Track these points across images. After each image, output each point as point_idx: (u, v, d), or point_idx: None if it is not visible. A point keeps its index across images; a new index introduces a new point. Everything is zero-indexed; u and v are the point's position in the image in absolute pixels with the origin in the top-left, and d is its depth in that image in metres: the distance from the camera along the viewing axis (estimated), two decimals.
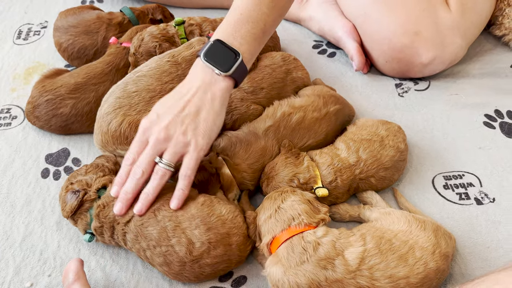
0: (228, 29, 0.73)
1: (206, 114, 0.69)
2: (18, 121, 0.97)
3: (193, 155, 0.68)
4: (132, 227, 0.68)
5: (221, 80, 0.70)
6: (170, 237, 0.66)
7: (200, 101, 0.69)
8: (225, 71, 0.70)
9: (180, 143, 0.68)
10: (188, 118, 0.68)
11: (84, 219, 0.72)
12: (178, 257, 0.66)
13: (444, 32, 0.97)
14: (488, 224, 0.77)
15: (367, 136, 0.80)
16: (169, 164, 0.68)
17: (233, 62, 0.70)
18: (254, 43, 0.74)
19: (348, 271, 0.59)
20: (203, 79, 0.70)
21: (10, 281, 0.72)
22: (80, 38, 1.00)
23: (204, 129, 0.69)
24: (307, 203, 0.67)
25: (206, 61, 0.70)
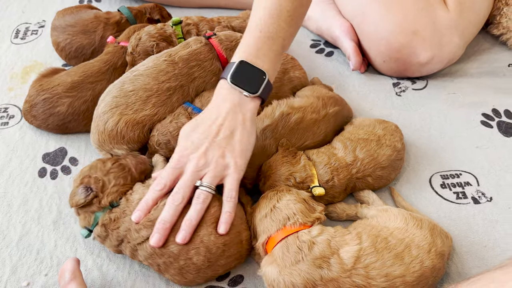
0: (250, 49, 0.73)
1: (240, 136, 0.69)
2: (15, 120, 0.97)
3: (234, 176, 0.68)
4: (148, 248, 0.66)
5: (250, 101, 0.71)
6: (190, 249, 0.65)
7: (232, 123, 0.70)
8: (254, 93, 0.71)
9: (219, 166, 0.68)
10: (223, 141, 0.69)
11: (88, 218, 0.71)
12: (196, 267, 0.66)
13: (442, 31, 0.97)
14: (485, 223, 0.77)
15: (364, 136, 0.80)
16: (210, 186, 0.68)
17: (260, 82, 0.71)
18: (276, 59, 0.75)
19: (344, 270, 0.59)
20: (232, 102, 0.71)
21: (7, 281, 0.72)
22: (77, 37, 1.00)
23: (240, 150, 0.69)
24: (302, 202, 0.67)
25: (233, 84, 0.71)
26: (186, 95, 0.85)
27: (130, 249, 0.69)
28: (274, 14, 0.74)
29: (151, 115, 0.82)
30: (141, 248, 0.67)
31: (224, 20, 0.98)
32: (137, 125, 0.81)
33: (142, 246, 0.67)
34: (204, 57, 0.86)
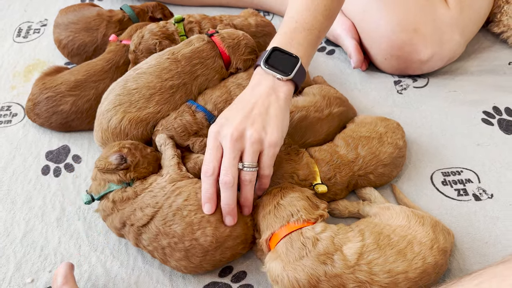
0: (284, 38, 0.74)
1: (275, 111, 0.69)
2: (18, 118, 0.97)
3: (270, 151, 0.68)
4: (153, 227, 0.67)
5: (283, 85, 0.71)
6: (195, 230, 0.66)
7: (267, 101, 0.69)
8: (287, 75, 0.71)
9: (255, 141, 0.67)
10: (258, 116, 0.68)
11: (101, 186, 0.71)
12: (202, 248, 0.66)
13: (443, 29, 0.97)
14: (486, 219, 0.78)
15: (366, 133, 0.81)
16: (252, 165, 0.67)
17: (293, 66, 0.71)
18: (310, 48, 0.75)
19: (347, 266, 0.60)
20: (266, 85, 0.71)
21: (11, 277, 0.73)
22: (80, 35, 1.00)
23: (276, 125, 0.68)
24: (305, 199, 0.67)
25: (267, 68, 0.71)
26: (189, 93, 0.85)
27: (133, 233, 0.69)
28: (311, 7, 0.75)
29: (154, 112, 0.82)
30: (146, 230, 0.68)
31: (226, 18, 0.99)
32: (140, 122, 0.81)
33: (147, 227, 0.68)
34: (206, 55, 0.86)
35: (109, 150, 0.73)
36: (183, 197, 0.68)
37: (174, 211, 0.67)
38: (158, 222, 0.67)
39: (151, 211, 0.68)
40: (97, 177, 0.72)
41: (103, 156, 0.72)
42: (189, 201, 0.68)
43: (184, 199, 0.68)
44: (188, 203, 0.67)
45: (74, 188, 0.85)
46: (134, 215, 0.69)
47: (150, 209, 0.68)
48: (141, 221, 0.68)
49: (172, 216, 0.67)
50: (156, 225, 0.67)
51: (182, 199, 0.68)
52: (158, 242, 0.68)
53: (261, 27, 1.00)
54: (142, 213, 0.68)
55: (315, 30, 0.75)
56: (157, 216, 0.68)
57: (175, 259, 0.68)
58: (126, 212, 0.69)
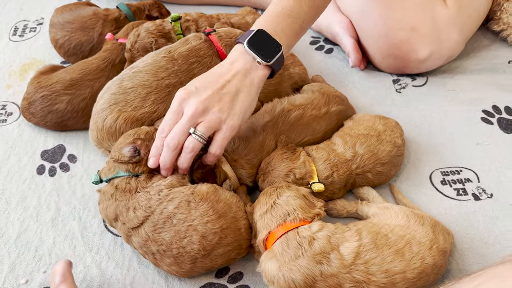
0: (270, 21, 0.74)
1: (244, 97, 0.70)
2: (13, 117, 0.96)
3: (226, 133, 0.69)
4: (143, 233, 0.67)
5: (261, 69, 0.72)
6: (182, 238, 0.65)
7: (239, 83, 0.70)
8: (266, 61, 0.71)
9: (216, 119, 0.68)
10: (227, 96, 0.69)
11: (110, 171, 0.72)
12: (190, 256, 0.65)
13: (441, 27, 0.96)
14: (485, 219, 0.77)
15: (364, 131, 0.80)
16: (202, 136, 0.68)
17: (275, 53, 0.72)
18: (292, 37, 0.76)
19: (344, 265, 0.59)
20: (243, 64, 0.71)
21: (5, 278, 0.72)
22: (76, 34, 0.99)
23: (240, 110, 0.69)
24: (302, 198, 0.67)
25: (249, 48, 0.71)
26: None
27: (124, 232, 0.69)
28: None
29: (150, 112, 0.81)
30: (136, 233, 0.68)
31: (224, 17, 0.98)
32: (136, 122, 0.80)
33: (137, 231, 0.67)
34: (204, 53, 0.85)
35: (125, 140, 0.73)
36: (174, 204, 0.67)
37: (164, 218, 0.66)
38: (148, 228, 0.67)
39: (143, 214, 0.67)
40: (110, 162, 0.73)
41: (118, 147, 0.73)
42: (179, 209, 0.67)
43: (175, 206, 0.67)
44: (178, 211, 0.66)
45: (69, 188, 0.84)
46: (127, 214, 0.68)
47: (142, 212, 0.67)
48: (131, 223, 0.68)
49: (162, 223, 0.66)
50: (146, 231, 0.67)
51: (173, 206, 0.67)
52: (148, 248, 0.67)
53: None
54: (134, 214, 0.68)
55: (299, 19, 0.76)
56: (148, 222, 0.67)
57: (166, 264, 0.67)
58: (120, 206, 0.69)
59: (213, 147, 0.70)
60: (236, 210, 0.68)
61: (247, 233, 0.69)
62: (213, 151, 0.70)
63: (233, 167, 0.76)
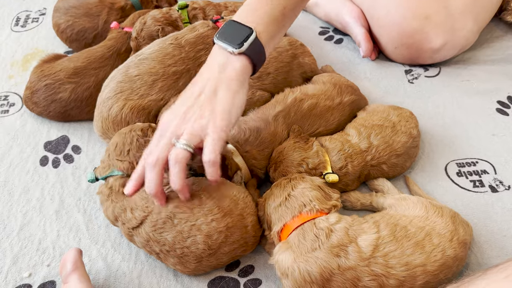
0: (244, 11, 0.69)
1: (223, 94, 0.64)
2: (15, 108, 0.94)
3: (213, 136, 0.62)
4: (143, 233, 0.64)
5: (236, 60, 0.66)
6: (185, 238, 0.62)
7: (215, 82, 0.65)
8: (238, 48, 0.65)
9: (197, 126, 0.62)
10: (205, 101, 0.64)
11: (104, 170, 0.69)
12: (195, 255, 0.63)
13: (455, 16, 0.94)
14: (504, 212, 0.74)
15: (379, 122, 0.77)
16: (186, 144, 0.61)
17: (246, 38, 0.65)
18: (273, 24, 0.69)
19: (362, 258, 0.57)
20: (217, 61, 0.66)
21: (8, 271, 0.69)
22: (80, 20, 0.97)
23: (222, 110, 0.63)
24: (318, 189, 0.64)
25: (218, 39, 0.66)
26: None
27: (125, 232, 0.67)
28: None
29: (157, 100, 0.79)
30: (137, 233, 0.65)
31: (231, 5, 0.95)
32: (142, 110, 0.78)
33: (138, 231, 0.65)
34: (211, 40, 0.83)
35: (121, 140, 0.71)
36: (174, 203, 0.64)
37: (164, 218, 0.63)
38: (148, 228, 0.64)
39: (141, 215, 0.64)
40: (105, 161, 0.70)
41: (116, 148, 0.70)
42: (180, 208, 0.63)
43: (174, 205, 0.64)
44: (179, 210, 0.63)
45: (73, 179, 0.81)
46: (125, 215, 0.65)
47: (140, 213, 0.65)
48: (130, 223, 0.65)
49: (162, 223, 0.63)
50: (147, 231, 0.64)
51: (172, 205, 0.64)
52: (151, 248, 0.65)
53: None
54: (131, 215, 0.65)
55: (280, 5, 0.69)
56: (147, 222, 0.64)
57: (171, 263, 0.65)
58: (117, 208, 0.66)
59: (205, 154, 0.62)
60: (243, 207, 0.65)
61: (253, 230, 0.66)
62: (207, 159, 0.61)
63: (245, 158, 0.73)
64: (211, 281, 0.67)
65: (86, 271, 0.64)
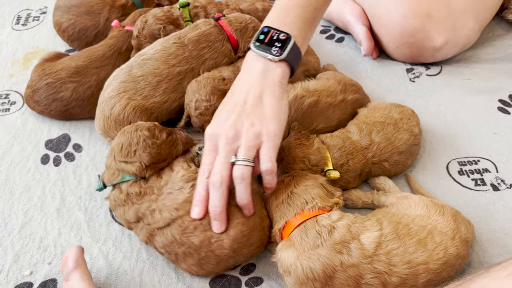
0: (276, 16, 0.69)
1: (269, 99, 0.64)
2: (16, 106, 0.93)
3: (269, 144, 0.62)
4: (169, 234, 0.63)
5: (276, 67, 0.66)
6: (213, 242, 0.62)
7: (259, 89, 0.64)
8: (279, 56, 0.65)
9: (251, 135, 0.62)
10: (252, 109, 0.63)
11: (113, 176, 0.67)
12: (217, 258, 0.63)
13: (456, 14, 0.94)
14: (505, 210, 0.74)
15: (380, 119, 0.77)
16: (247, 159, 0.61)
17: (285, 45, 0.66)
18: (305, 27, 0.70)
19: (365, 255, 0.56)
20: (257, 69, 0.66)
21: (9, 269, 0.69)
22: (82, 18, 0.97)
23: (271, 115, 0.63)
24: (320, 187, 0.64)
25: (257, 49, 0.66)
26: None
27: (146, 231, 0.66)
28: None
29: (161, 102, 0.79)
30: (161, 233, 0.64)
31: (233, 3, 0.95)
32: (145, 111, 0.78)
33: (163, 231, 0.64)
34: (214, 38, 0.83)
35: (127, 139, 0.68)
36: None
37: (196, 224, 0.63)
38: (175, 231, 0.63)
39: (169, 217, 0.64)
40: (112, 166, 0.68)
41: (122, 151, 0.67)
42: None
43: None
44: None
45: (75, 178, 0.81)
46: (152, 216, 0.64)
47: (167, 215, 0.64)
48: (158, 224, 0.64)
49: (193, 229, 0.63)
50: (173, 233, 0.63)
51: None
52: (172, 249, 0.64)
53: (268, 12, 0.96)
54: (160, 216, 0.64)
55: (310, 7, 0.70)
56: (175, 224, 0.63)
57: (187, 264, 0.65)
58: (142, 209, 0.65)
59: (263, 164, 0.62)
60: (260, 208, 0.66)
61: (269, 231, 0.66)
62: (265, 168, 0.62)
63: None
64: (212, 279, 0.67)
65: (88, 269, 0.64)
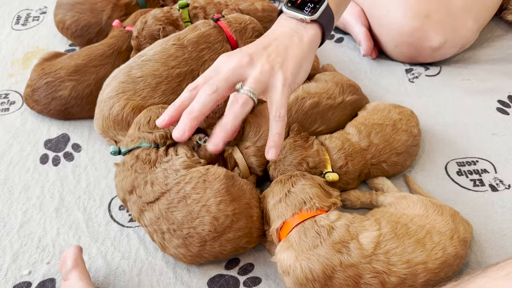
0: None
1: (294, 53, 0.59)
2: (16, 106, 0.94)
3: (283, 89, 0.56)
4: (156, 209, 0.65)
5: (307, 28, 0.62)
6: (194, 218, 0.63)
7: (286, 42, 0.60)
8: (311, 15, 0.61)
9: (266, 71, 0.56)
10: (274, 52, 0.58)
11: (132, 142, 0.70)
12: (200, 237, 0.64)
13: (455, 14, 0.94)
14: (504, 211, 0.74)
15: (379, 120, 0.77)
16: (252, 91, 0.55)
17: (318, 6, 0.62)
18: None
19: (364, 255, 0.57)
20: (287, 27, 0.62)
21: (8, 269, 0.69)
22: (85, 15, 0.97)
23: (293, 66, 0.58)
24: (318, 187, 0.64)
25: (289, 9, 0.62)
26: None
27: (138, 206, 0.67)
28: None
29: (160, 103, 0.79)
30: (150, 209, 0.66)
31: (232, 3, 0.95)
32: None
33: (151, 206, 0.66)
34: (214, 39, 0.83)
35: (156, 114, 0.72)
36: (191, 185, 0.65)
37: (180, 198, 0.65)
38: (162, 205, 0.65)
39: (159, 190, 0.66)
40: (134, 135, 0.71)
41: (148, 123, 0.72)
42: (195, 190, 0.65)
43: (192, 187, 0.65)
44: (194, 191, 0.65)
45: (73, 177, 0.81)
46: (145, 188, 0.67)
47: (158, 188, 0.66)
48: (148, 197, 0.66)
49: (176, 202, 0.64)
50: (160, 207, 0.65)
51: (190, 187, 0.65)
52: (159, 226, 0.65)
53: (268, 12, 0.97)
54: (151, 188, 0.66)
55: None
56: (163, 199, 0.65)
57: (173, 246, 0.65)
58: (139, 179, 0.67)
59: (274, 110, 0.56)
60: (250, 197, 0.66)
61: (259, 222, 0.66)
62: (277, 114, 0.56)
63: (244, 154, 0.73)
64: (210, 279, 0.67)
65: (86, 269, 0.64)
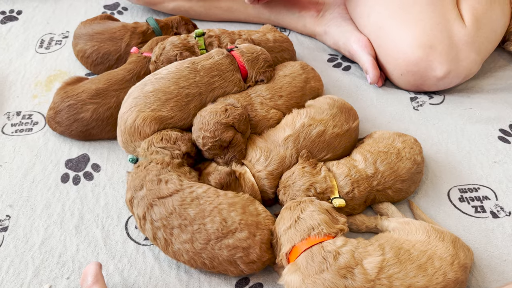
0: None
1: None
2: (39, 127, 0.99)
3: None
4: (169, 205, 0.72)
5: None
6: (206, 216, 0.70)
7: None
8: None
9: None
10: None
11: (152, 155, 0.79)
12: (207, 234, 0.69)
13: (459, 46, 0.98)
14: (504, 237, 0.77)
15: (384, 149, 0.81)
16: None
17: None
18: None
19: (367, 280, 0.60)
20: None
21: (29, 283, 0.73)
22: (105, 44, 1.03)
23: None
24: (326, 213, 0.68)
25: None
26: (204, 104, 0.86)
27: (147, 201, 0.73)
28: None
29: (168, 117, 0.84)
30: (161, 204, 0.72)
31: (245, 33, 1.00)
32: (154, 120, 0.83)
33: (163, 201, 0.72)
34: (225, 68, 0.88)
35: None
36: (203, 189, 0.74)
37: (193, 197, 0.73)
38: (176, 202, 0.72)
39: (174, 188, 0.73)
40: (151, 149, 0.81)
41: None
42: (207, 193, 0.73)
43: (203, 190, 0.74)
44: (206, 194, 0.73)
45: (93, 196, 0.86)
46: (159, 184, 0.74)
47: (173, 186, 0.74)
48: (161, 192, 0.73)
49: (190, 201, 0.72)
50: (173, 204, 0.72)
51: (202, 190, 0.74)
52: (169, 221, 0.71)
53: (279, 43, 1.02)
54: (165, 186, 0.74)
55: None
56: (177, 195, 0.73)
57: (180, 241, 0.70)
58: (151, 175, 0.75)
59: None
60: (260, 220, 0.71)
61: (260, 246, 0.69)
62: None
63: (256, 178, 0.77)
64: None
65: (106, 285, 0.67)
